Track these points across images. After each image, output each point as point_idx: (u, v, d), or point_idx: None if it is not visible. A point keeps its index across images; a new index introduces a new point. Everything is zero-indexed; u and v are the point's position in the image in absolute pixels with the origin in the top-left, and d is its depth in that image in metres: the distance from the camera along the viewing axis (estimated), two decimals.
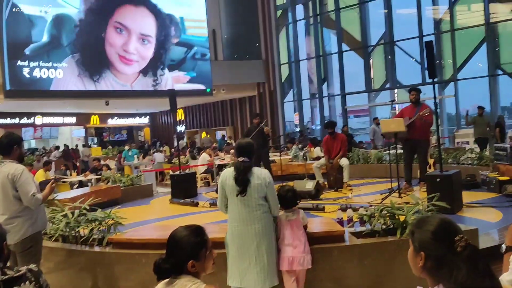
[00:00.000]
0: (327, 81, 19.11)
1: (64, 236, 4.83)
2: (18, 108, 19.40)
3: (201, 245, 1.98)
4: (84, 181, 11.87)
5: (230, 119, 21.84)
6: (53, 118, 23.05)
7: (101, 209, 5.10)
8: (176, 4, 17.87)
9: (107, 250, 4.48)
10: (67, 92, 15.75)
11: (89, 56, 15.82)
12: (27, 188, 3.74)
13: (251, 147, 3.72)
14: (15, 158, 3.89)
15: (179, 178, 9.48)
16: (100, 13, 15.95)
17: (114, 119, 25.84)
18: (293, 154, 12.43)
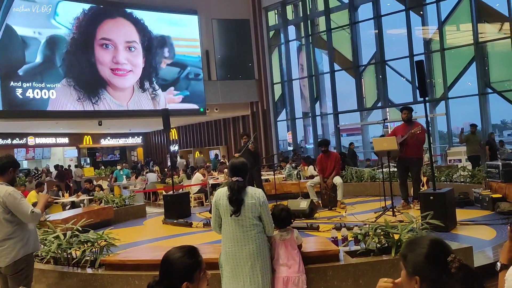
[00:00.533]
0: (320, 100, 19.26)
1: (55, 258, 4.77)
2: (11, 128, 19.32)
3: (195, 266, 1.95)
4: (76, 202, 11.79)
5: (224, 138, 21.86)
6: (45, 139, 22.96)
7: (93, 230, 5.05)
8: (169, 24, 18.07)
9: (99, 272, 4.42)
10: (59, 112, 15.71)
11: (83, 80, 15.91)
12: (23, 208, 3.73)
13: (245, 166, 3.71)
14: (7, 181, 3.88)
15: (172, 198, 9.42)
16: (87, 38, 16.11)
17: (107, 139, 25.79)
18: (286, 173, 12.44)
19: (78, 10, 16.07)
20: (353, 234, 4.51)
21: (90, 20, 16.31)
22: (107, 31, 16.58)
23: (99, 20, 16.55)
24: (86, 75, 16.01)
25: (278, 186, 10.40)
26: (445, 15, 15.62)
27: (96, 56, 16.23)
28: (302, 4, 19.10)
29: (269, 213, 3.67)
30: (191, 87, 18.25)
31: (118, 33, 16.85)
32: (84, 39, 16.08)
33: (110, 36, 16.60)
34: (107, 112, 16.70)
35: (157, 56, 17.70)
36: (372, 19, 17.24)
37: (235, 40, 19.89)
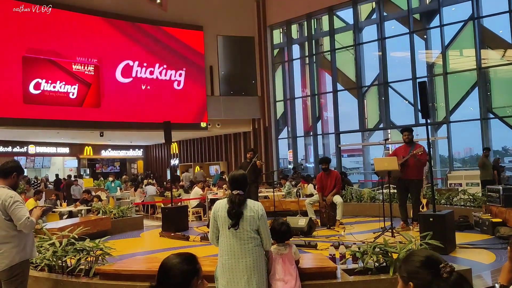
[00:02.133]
0: (322, 120, 19.31)
1: (50, 266, 4.73)
2: (12, 136, 19.35)
3: (192, 273, 1.93)
4: (74, 212, 11.73)
5: (224, 154, 21.87)
6: (46, 148, 22.97)
7: (90, 240, 5.01)
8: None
9: (93, 281, 4.38)
10: (60, 122, 15.77)
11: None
12: (20, 213, 3.72)
13: (245, 179, 3.70)
14: (9, 184, 3.89)
15: (170, 211, 9.38)
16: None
17: (108, 151, 25.80)
18: (286, 191, 12.39)
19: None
20: (351, 252, 4.47)
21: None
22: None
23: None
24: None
25: (277, 203, 10.35)
26: (449, 39, 15.75)
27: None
28: (307, 23, 19.30)
29: (267, 227, 3.65)
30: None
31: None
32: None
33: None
34: (109, 124, 16.76)
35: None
36: (376, 41, 17.40)
37: (239, 57, 20.07)
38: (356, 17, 17.83)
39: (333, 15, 18.41)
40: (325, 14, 18.71)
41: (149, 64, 17.83)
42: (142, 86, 17.63)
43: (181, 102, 18.25)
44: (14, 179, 3.95)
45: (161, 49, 18.11)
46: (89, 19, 16.42)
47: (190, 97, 18.51)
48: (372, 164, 17.74)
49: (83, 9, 16.32)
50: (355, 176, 19.12)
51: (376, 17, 17.51)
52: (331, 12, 18.36)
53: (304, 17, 19.23)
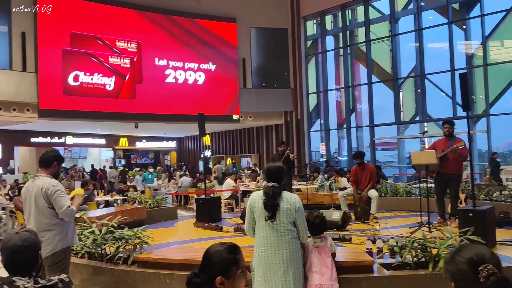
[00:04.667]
0: (355, 112, 19.03)
1: (90, 253, 4.86)
2: (50, 127, 19.94)
3: (232, 262, 1.94)
4: (110, 201, 12.05)
5: (256, 146, 21.89)
6: (83, 139, 23.56)
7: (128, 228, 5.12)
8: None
9: (132, 269, 4.47)
10: (97, 113, 16.16)
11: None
12: (62, 201, 3.82)
13: (281, 171, 3.69)
14: (51, 173, 3.99)
15: (204, 202, 9.47)
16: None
17: (142, 142, 26.25)
18: (319, 184, 12.30)
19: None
20: (388, 247, 4.39)
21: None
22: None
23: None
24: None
25: (310, 196, 10.29)
26: (490, 30, 15.18)
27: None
28: (342, 14, 19.00)
29: (304, 220, 3.63)
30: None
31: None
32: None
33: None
34: (144, 115, 17.06)
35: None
36: (413, 32, 16.96)
37: (272, 48, 19.99)
38: (392, 7, 17.40)
39: (368, 6, 18.05)
40: (360, 5, 18.36)
41: (183, 57, 18.00)
42: (176, 78, 17.83)
43: (214, 95, 18.36)
44: (55, 168, 4.06)
45: (195, 42, 18.24)
46: (126, 12, 16.71)
47: (223, 89, 18.59)
48: (407, 157, 17.42)
49: (120, 3, 16.62)
50: (389, 170, 18.79)
51: (413, 7, 17.05)
52: (367, 3, 18.00)
53: (339, 8, 18.94)
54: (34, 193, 3.87)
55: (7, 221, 10.58)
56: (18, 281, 2.02)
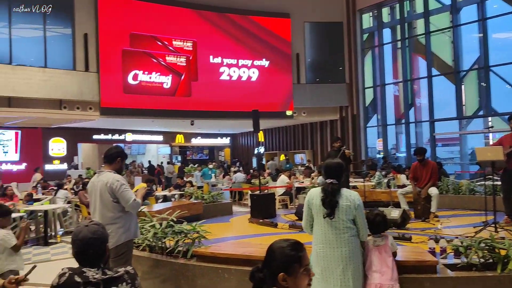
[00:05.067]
0: (414, 107, 18.38)
1: (150, 246, 4.99)
2: (112, 125, 20.78)
3: (294, 259, 1.93)
4: (168, 196, 12.39)
5: (310, 142, 21.70)
6: (142, 136, 24.36)
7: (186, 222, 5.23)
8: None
9: (191, 262, 4.54)
10: (155, 111, 16.67)
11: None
12: (127, 195, 3.98)
13: (341, 168, 3.63)
14: (115, 169, 4.15)
15: (258, 198, 9.50)
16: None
17: (198, 139, 26.78)
18: (376, 181, 12.01)
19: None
20: (453, 247, 4.19)
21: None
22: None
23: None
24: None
25: (367, 194, 10.06)
26: None
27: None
28: (400, 6, 18.39)
29: (364, 217, 3.55)
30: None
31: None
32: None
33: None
34: (200, 113, 17.40)
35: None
36: (477, 22, 16.11)
37: (327, 43, 19.73)
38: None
39: None
40: None
41: (237, 54, 18.18)
42: (230, 75, 18.04)
43: (268, 91, 18.39)
44: (119, 164, 4.22)
45: (249, 39, 18.35)
46: (182, 12, 17.09)
47: (276, 85, 18.58)
48: (470, 154, 16.59)
49: (176, 2, 17.03)
50: (450, 167, 17.99)
51: None
52: None
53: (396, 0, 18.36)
54: (99, 187, 4.04)
55: (73, 214, 11.15)
56: (87, 272, 2.10)
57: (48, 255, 8.13)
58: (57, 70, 14.90)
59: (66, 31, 15.56)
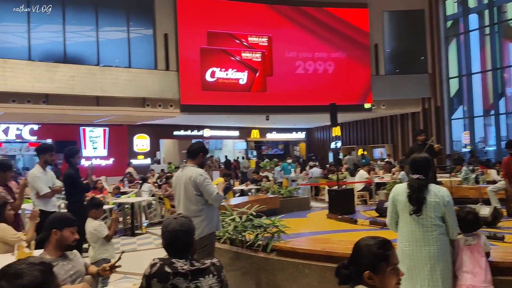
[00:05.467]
0: (505, 97, 17.06)
1: (231, 239, 5.08)
2: (191, 121, 21.48)
3: (381, 257, 1.88)
4: (245, 190, 12.58)
5: (390, 136, 20.94)
6: (219, 131, 24.92)
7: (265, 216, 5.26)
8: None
9: (271, 257, 4.57)
10: (231, 107, 16.99)
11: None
12: (210, 189, 4.13)
13: (428, 163, 3.46)
14: (197, 164, 4.31)
15: (337, 193, 9.34)
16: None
17: (273, 134, 26.87)
18: (463, 176, 11.31)
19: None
20: None
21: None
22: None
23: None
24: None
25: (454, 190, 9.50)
26: None
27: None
28: None
29: (454, 215, 3.34)
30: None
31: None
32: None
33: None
34: (275, 108, 17.45)
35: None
36: None
37: (407, 32, 18.90)
38: None
39: None
40: None
41: (312, 47, 17.98)
42: (305, 69, 17.90)
43: (344, 84, 18.01)
44: (201, 159, 4.37)
45: (324, 31, 18.07)
46: (257, 7, 17.24)
47: (354, 77, 18.14)
48: None
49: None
50: None
51: None
52: None
53: None
54: (184, 181, 4.19)
55: (156, 206, 11.70)
56: (176, 263, 2.16)
57: (135, 245, 8.59)
58: (140, 69, 15.69)
59: (147, 32, 16.32)
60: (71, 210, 5.46)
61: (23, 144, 19.52)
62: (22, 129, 18.40)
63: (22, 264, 1.41)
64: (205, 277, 2.18)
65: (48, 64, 14.15)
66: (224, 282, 2.30)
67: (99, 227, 4.63)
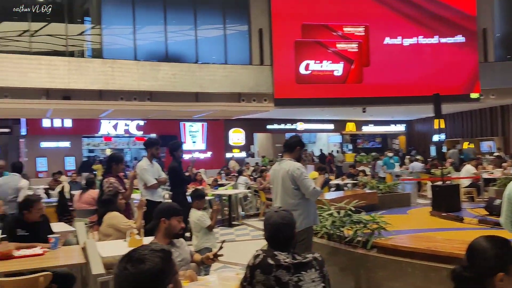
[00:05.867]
0: None
1: (328, 234, 5.00)
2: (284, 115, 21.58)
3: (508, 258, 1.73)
4: (340, 185, 12.36)
5: (501, 128, 19.22)
6: (313, 125, 24.74)
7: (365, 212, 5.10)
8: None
9: (371, 253, 4.42)
10: (325, 100, 16.73)
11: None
12: (308, 183, 4.10)
13: None
14: (294, 157, 4.31)
15: (441, 189, 8.79)
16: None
17: (369, 126, 26.06)
18: None
19: None
20: None
21: None
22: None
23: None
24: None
25: None
26: None
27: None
28: None
29: None
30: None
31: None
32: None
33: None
34: (372, 99, 16.87)
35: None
36: None
37: None
38: None
39: None
40: None
41: (413, 34, 17.04)
42: (406, 58, 17.03)
43: (448, 72, 16.82)
44: (298, 152, 4.38)
45: (425, 17, 17.01)
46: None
47: (459, 65, 16.88)
48: None
49: None
50: None
51: None
52: None
53: None
54: (281, 175, 4.20)
55: (252, 199, 11.95)
56: (279, 255, 2.16)
57: (233, 236, 8.85)
58: (235, 65, 16.09)
59: (242, 28, 16.67)
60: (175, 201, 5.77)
61: (130, 139, 21.13)
62: (130, 124, 19.89)
63: (145, 250, 1.48)
64: (307, 271, 2.15)
65: (152, 63, 15.07)
66: (327, 277, 2.25)
67: (202, 217, 4.82)
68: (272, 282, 2.07)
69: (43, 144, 18.72)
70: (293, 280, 2.10)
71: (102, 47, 14.91)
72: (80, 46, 15.54)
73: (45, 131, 18.63)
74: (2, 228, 4.67)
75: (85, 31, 15.72)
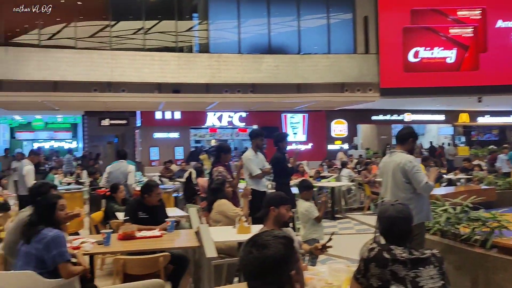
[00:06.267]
0: None
1: (442, 231, 4.71)
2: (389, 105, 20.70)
3: None
4: (453, 180, 11.60)
5: None
6: (421, 115, 23.43)
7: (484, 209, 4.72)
8: None
9: (491, 253, 4.08)
10: (436, 89, 15.72)
11: None
12: (419, 177, 3.91)
13: None
14: (406, 149, 4.13)
15: None
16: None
17: (485, 117, 24.00)
18: None
19: None
20: None
21: None
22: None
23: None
24: None
25: None
26: None
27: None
28: None
29: None
30: None
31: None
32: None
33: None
34: (489, 88, 15.50)
35: None
36: None
37: None
38: None
39: None
40: None
41: None
42: None
43: None
44: (411, 144, 4.19)
45: None
46: None
47: None
48: None
49: None
50: None
51: None
52: None
53: None
54: (392, 168, 4.04)
55: (356, 192, 11.69)
56: (395, 250, 2.08)
57: (336, 229, 8.74)
58: (339, 55, 15.76)
59: (346, 16, 16.25)
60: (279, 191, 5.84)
61: (233, 130, 21.86)
62: (233, 116, 20.56)
63: (269, 236, 1.51)
64: (425, 267, 2.04)
65: (255, 56, 15.36)
66: (446, 275, 2.11)
67: (310, 208, 4.82)
68: (388, 276, 2.00)
69: (156, 135, 20.12)
70: (410, 276, 2.01)
71: (208, 42, 15.53)
72: (188, 41, 16.34)
73: (157, 122, 20.00)
74: (125, 210, 5.11)
75: (193, 27, 16.50)
